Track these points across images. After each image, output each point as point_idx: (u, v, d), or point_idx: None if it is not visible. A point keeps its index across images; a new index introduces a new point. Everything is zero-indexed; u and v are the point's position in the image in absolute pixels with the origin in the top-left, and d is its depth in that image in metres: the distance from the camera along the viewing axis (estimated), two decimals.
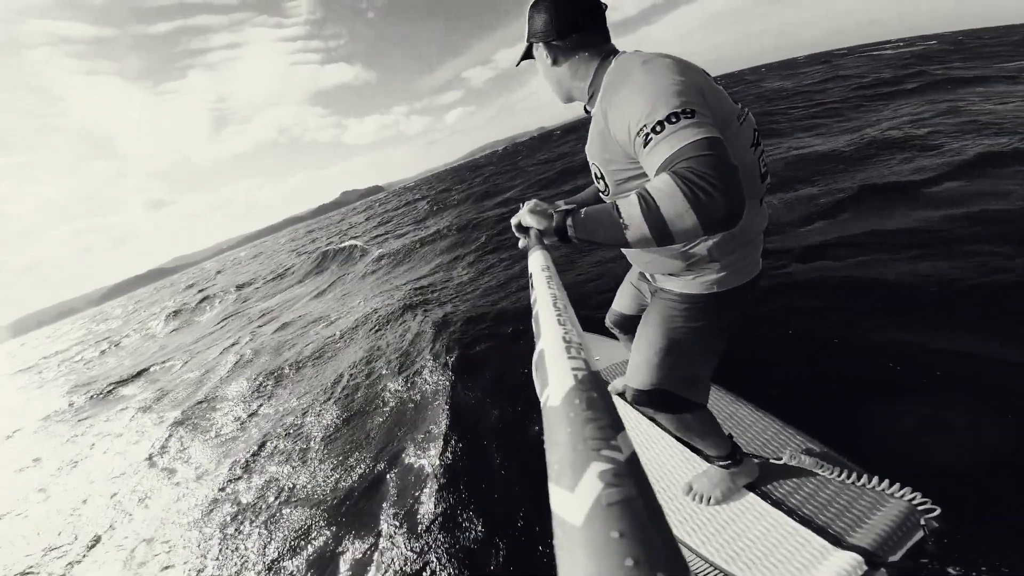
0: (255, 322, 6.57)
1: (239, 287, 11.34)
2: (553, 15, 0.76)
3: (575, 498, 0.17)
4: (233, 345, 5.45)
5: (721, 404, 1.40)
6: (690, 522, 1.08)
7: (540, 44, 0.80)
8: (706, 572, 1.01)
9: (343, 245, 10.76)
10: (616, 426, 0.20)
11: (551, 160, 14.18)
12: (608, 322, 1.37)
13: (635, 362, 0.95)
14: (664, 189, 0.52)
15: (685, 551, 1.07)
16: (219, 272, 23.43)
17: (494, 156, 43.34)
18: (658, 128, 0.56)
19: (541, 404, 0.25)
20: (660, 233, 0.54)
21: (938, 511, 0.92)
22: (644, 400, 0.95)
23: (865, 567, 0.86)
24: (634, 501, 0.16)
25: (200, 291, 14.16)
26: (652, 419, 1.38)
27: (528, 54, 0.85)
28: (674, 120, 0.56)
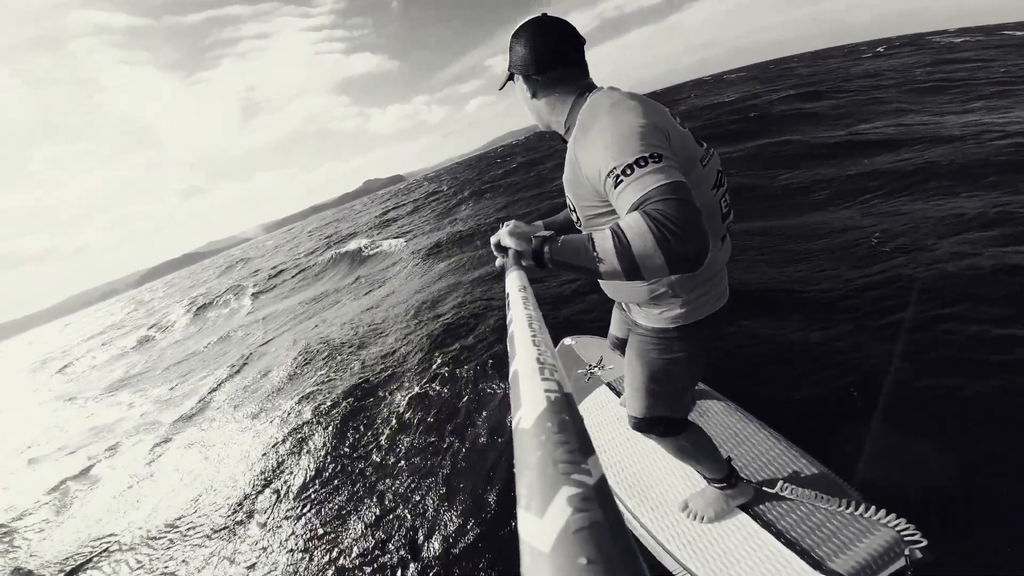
0: (254, 347, 5.53)
1: (254, 295, 10.44)
2: (532, 50, 0.79)
3: (544, 524, 0.17)
4: (202, 410, 4.06)
5: (729, 421, 1.45)
6: (682, 537, 1.16)
7: (520, 76, 0.84)
8: None
9: (372, 252, 9.70)
10: (586, 449, 0.21)
11: None
12: (609, 345, 1.47)
13: (628, 394, 1.06)
14: (635, 228, 0.56)
15: (674, 563, 1.13)
16: (246, 260, 23.94)
17: (517, 146, 41.62)
18: (628, 171, 0.61)
19: (512, 425, 0.25)
20: (630, 268, 0.58)
21: (924, 543, 0.95)
22: (643, 426, 1.06)
23: None
24: (601, 526, 0.17)
25: (222, 284, 14.15)
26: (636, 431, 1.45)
27: (511, 78, 0.89)
28: (642, 164, 0.60)
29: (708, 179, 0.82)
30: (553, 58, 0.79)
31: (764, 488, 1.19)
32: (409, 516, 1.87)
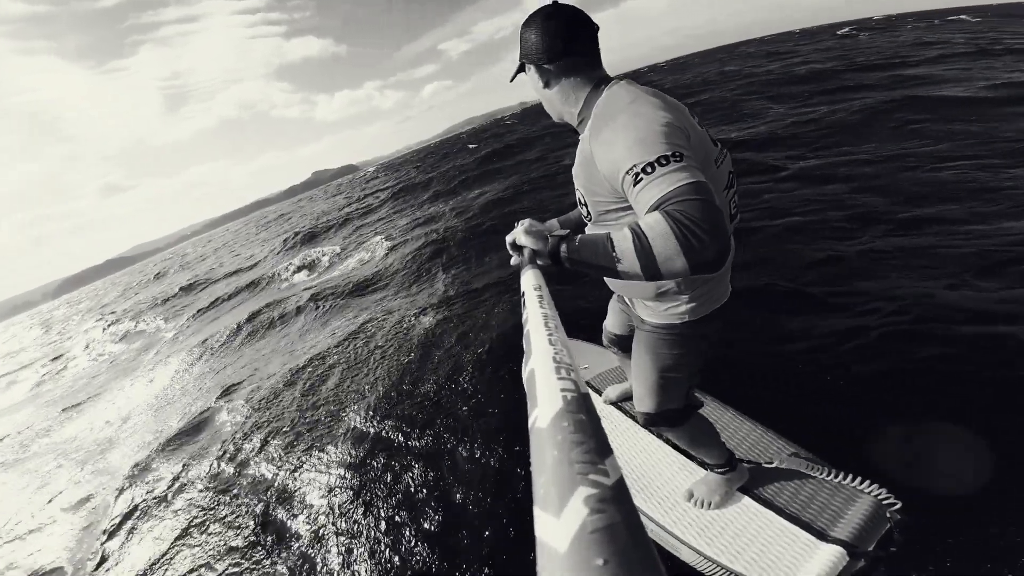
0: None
1: (168, 324, 8.31)
2: (543, 38, 0.81)
3: (560, 524, 0.18)
4: None
5: (706, 410, 1.56)
6: (695, 526, 1.26)
7: (531, 66, 0.86)
8: (714, 571, 1.17)
9: (341, 262, 7.63)
10: (603, 450, 0.22)
11: None
12: (604, 342, 1.53)
13: (638, 392, 1.12)
14: (657, 229, 0.58)
15: (692, 554, 1.21)
16: (181, 268, 20.18)
17: (486, 131, 39.50)
18: (648, 170, 0.63)
19: (529, 425, 0.27)
20: (650, 270, 0.60)
21: (899, 504, 1.11)
22: (656, 421, 1.12)
23: (847, 558, 1.05)
24: (618, 527, 0.18)
25: (117, 319, 11.11)
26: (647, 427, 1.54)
27: (522, 69, 0.90)
28: (664, 163, 0.62)
29: (721, 180, 0.86)
30: (565, 46, 0.81)
31: (764, 465, 1.32)
32: (423, 514, 1.95)
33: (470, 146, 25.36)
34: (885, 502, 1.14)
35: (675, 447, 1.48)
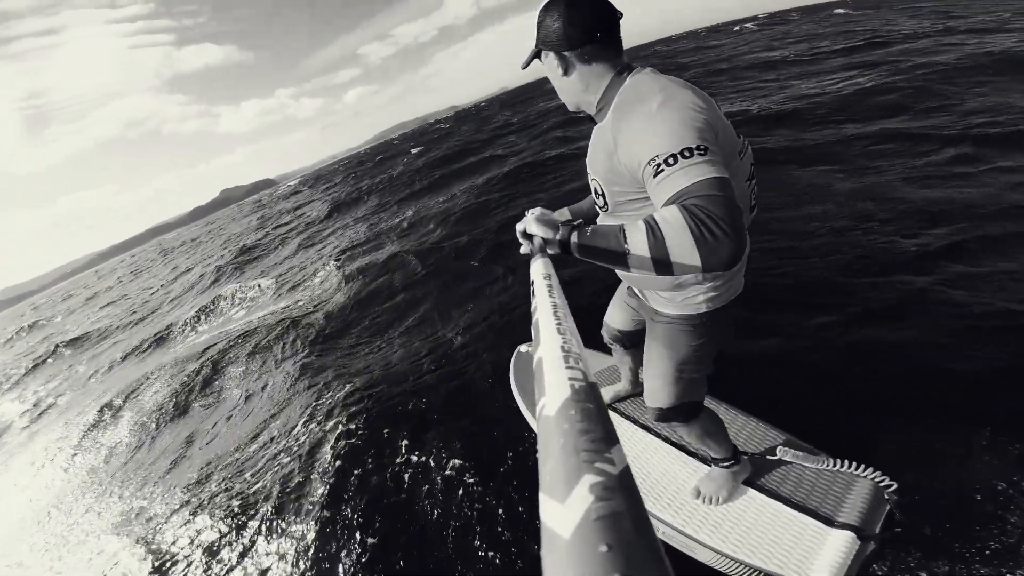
0: None
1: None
2: (566, 23, 0.83)
3: (565, 510, 0.20)
4: None
5: None
6: (707, 523, 1.31)
7: (551, 53, 0.88)
8: (732, 568, 1.22)
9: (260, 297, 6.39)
10: (610, 439, 0.24)
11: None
12: (606, 338, 1.56)
13: (653, 386, 1.16)
14: (672, 223, 0.61)
15: (709, 553, 1.27)
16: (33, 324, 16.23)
17: (425, 135, 37.42)
18: (671, 161, 0.66)
19: (536, 413, 0.29)
20: (661, 264, 0.63)
21: (895, 486, 1.20)
22: (670, 416, 1.17)
23: (858, 542, 1.12)
24: (623, 516, 0.19)
25: None
26: (645, 427, 1.63)
27: (538, 55, 0.92)
28: (688, 155, 0.65)
29: (743, 172, 0.93)
30: (588, 32, 0.83)
31: (767, 457, 1.39)
32: (427, 496, 2.04)
33: (412, 150, 24.39)
34: (882, 484, 1.23)
35: (674, 445, 1.54)
